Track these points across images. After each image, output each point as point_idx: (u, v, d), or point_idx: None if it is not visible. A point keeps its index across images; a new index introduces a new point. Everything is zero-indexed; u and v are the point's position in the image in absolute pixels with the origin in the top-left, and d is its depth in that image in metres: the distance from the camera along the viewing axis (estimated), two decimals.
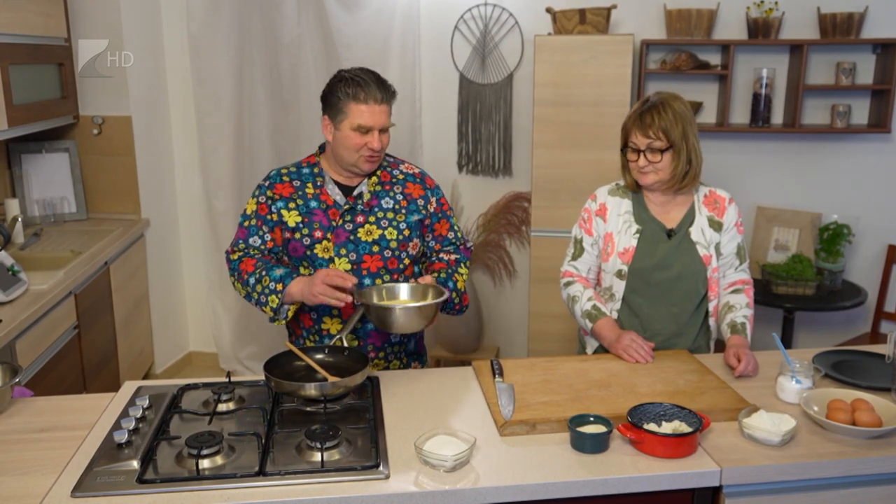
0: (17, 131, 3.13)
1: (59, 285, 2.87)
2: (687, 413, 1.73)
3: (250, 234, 2.21)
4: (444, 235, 2.30)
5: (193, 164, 4.21)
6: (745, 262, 2.33)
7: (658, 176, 2.22)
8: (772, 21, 3.66)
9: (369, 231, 2.15)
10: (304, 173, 2.22)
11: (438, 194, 2.30)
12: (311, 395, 1.81)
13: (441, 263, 2.26)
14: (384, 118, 2.10)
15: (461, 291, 2.25)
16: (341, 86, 2.10)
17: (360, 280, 2.14)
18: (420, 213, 2.22)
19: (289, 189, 2.19)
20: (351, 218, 2.16)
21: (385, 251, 2.16)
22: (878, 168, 3.89)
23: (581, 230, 2.37)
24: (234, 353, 4.36)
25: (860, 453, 1.66)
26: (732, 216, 2.29)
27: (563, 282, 2.39)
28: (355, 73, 2.11)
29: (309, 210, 2.16)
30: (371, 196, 2.18)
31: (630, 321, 2.31)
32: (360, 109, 2.07)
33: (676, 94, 2.25)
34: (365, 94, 2.07)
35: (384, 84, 2.12)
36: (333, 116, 2.13)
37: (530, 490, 1.56)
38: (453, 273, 2.23)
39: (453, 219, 2.34)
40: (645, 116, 2.19)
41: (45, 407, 1.92)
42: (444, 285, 2.18)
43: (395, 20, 3.89)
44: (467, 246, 2.36)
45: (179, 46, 4.07)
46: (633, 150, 2.23)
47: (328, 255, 2.14)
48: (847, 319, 4.04)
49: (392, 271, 2.18)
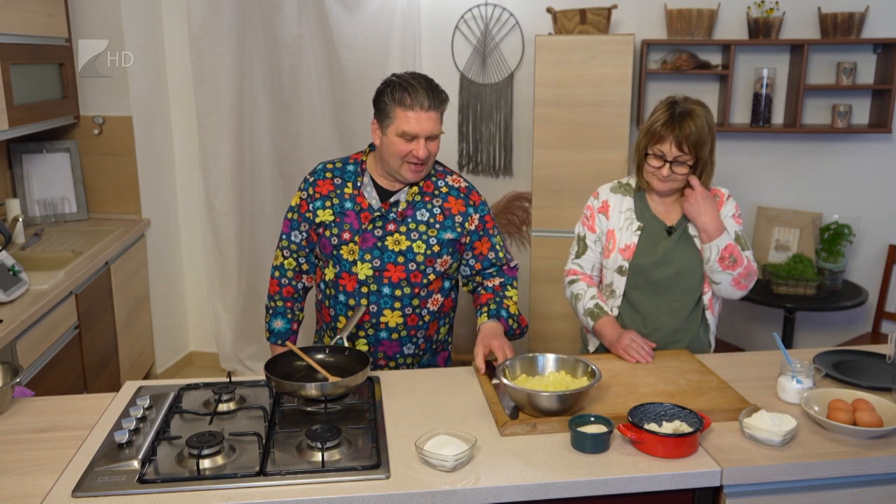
0: (18, 131, 3.13)
1: (60, 285, 2.87)
2: (687, 413, 1.73)
3: (292, 229, 2.27)
4: (485, 255, 2.24)
5: (194, 164, 4.21)
6: (748, 251, 2.28)
7: (676, 185, 2.22)
8: (772, 21, 3.66)
9: (398, 241, 2.13)
10: (348, 170, 2.22)
11: (483, 211, 2.23)
12: (312, 395, 1.81)
13: (487, 294, 2.23)
14: (431, 125, 2.05)
15: (516, 316, 2.21)
16: (389, 90, 2.06)
17: (380, 287, 2.14)
18: (455, 230, 2.18)
19: (328, 186, 2.20)
20: (382, 224, 2.14)
21: (410, 264, 2.14)
22: (879, 168, 3.88)
23: (584, 227, 2.38)
24: (234, 354, 4.36)
25: (861, 453, 1.66)
26: (729, 209, 2.29)
27: (567, 280, 2.39)
28: (404, 78, 2.07)
29: (343, 210, 2.17)
30: (407, 206, 2.15)
31: (631, 317, 2.31)
32: (407, 116, 2.03)
33: (702, 103, 2.21)
34: (412, 100, 2.02)
35: (435, 90, 2.06)
36: (381, 121, 2.10)
37: (531, 490, 1.56)
38: (502, 301, 2.20)
39: (496, 238, 2.26)
40: (684, 127, 2.13)
41: (46, 407, 1.92)
42: (496, 317, 2.16)
43: (396, 20, 3.89)
44: (511, 266, 2.29)
45: (180, 46, 4.07)
46: (657, 157, 2.19)
47: (353, 258, 2.15)
48: (848, 319, 4.04)
49: (415, 284, 2.16)
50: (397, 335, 2.20)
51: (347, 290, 2.17)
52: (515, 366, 1.93)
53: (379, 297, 2.16)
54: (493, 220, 2.26)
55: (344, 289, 2.17)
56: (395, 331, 2.19)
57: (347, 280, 2.16)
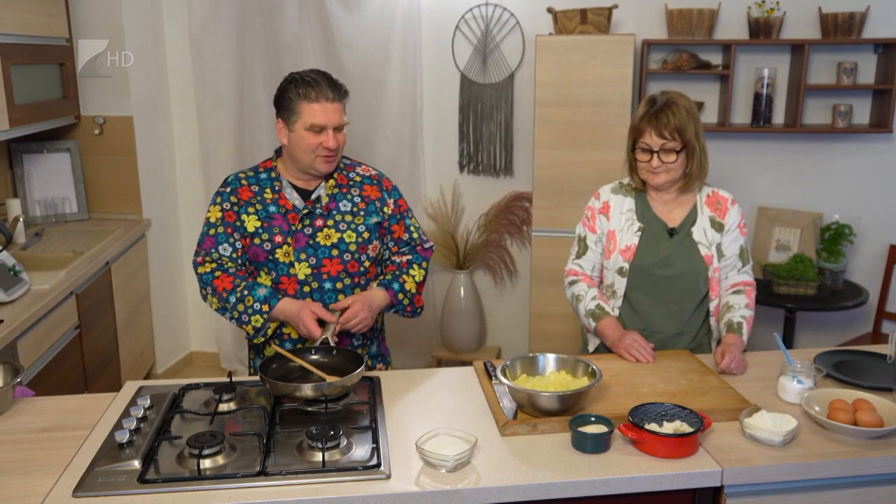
0: (19, 131, 3.13)
1: (61, 285, 2.88)
2: (688, 413, 1.73)
3: (219, 242, 2.19)
4: (401, 237, 2.29)
5: (194, 164, 4.21)
6: (748, 265, 2.32)
7: (670, 176, 2.22)
8: (773, 21, 3.66)
9: (328, 235, 2.16)
10: (261, 178, 2.22)
11: (396, 195, 2.29)
12: (308, 395, 1.81)
13: (391, 266, 2.27)
14: (338, 116, 2.11)
15: (410, 293, 2.24)
16: (292, 87, 2.11)
17: (321, 284, 2.14)
18: (378, 214, 2.22)
19: (248, 193, 2.19)
20: (310, 222, 2.16)
21: (345, 255, 2.17)
22: (880, 168, 3.88)
23: (585, 228, 2.38)
24: (235, 353, 4.35)
25: (862, 453, 1.66)
26: (734, 218, 2.29)
27: (567, 280, 2.39)
28: (306, 74, 2.13)
29: (269, 215, 2.16)
30: (329, 199, 2.18)
31: (631, 318, 2.31)
32: (313, 108, 2.08)
33: (681, 93, 2.24)
34: (316, 94, 2.08)
35: (335, 83, 2.13)
36: (287, 118, 2.13)
37: (531, 490, 1.56)
38: (401, 275, 2.23)
39: (410, 220, 2.32)
40: (661, 116, 2.17)
41: (47, 407, 1.92)
42: (388, 287, 2.19)
43: (396, 20, 3.89)
44: (425, 247, 2.34)
45: (180, 46, 4.07)
46: (644, 150, 2.21)
47: (288, 260, 2.14)
48: (848, 319, 4.04)
49: (353, 274, 2.18)
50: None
51: (289, 294, 2.16)
52: (516, 366, 1.93)
53: (322, 294, 2.16)
54: (406, 204, 2.31)
55: (285, 293, 2.16)
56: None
57: (287, 283, 2.16)
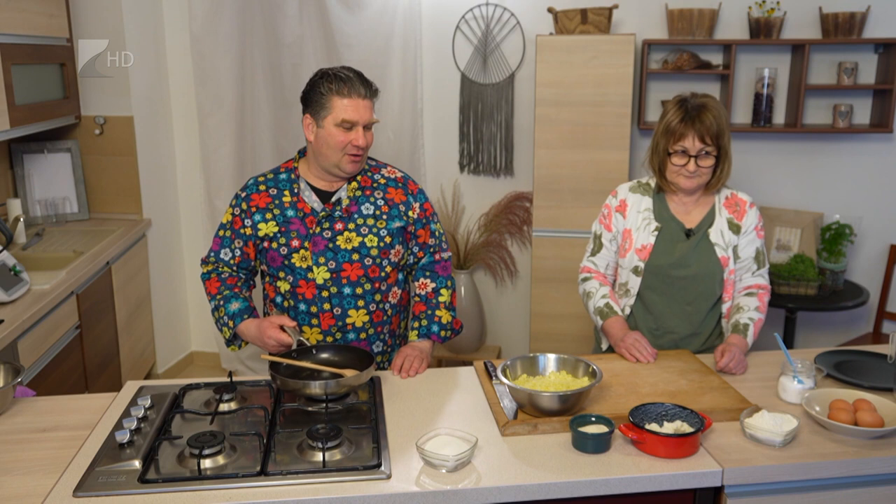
0: (19, 131, 3.13)
1: (61, 285, 2.88)
2: (689, 413, 1.73)
3: (223, 246, 2.21)
4: (426, 242, 2.26)
5: (195, 164, 4.21)
6: (763, 268, 2.30)
7: (702, 180, 2.22)
8: (773, 21, 3.66)
9: (349, 238, 2.12)
10: (281, 180, 2.18)
11: (422, 199, 2.24)
12: (317, 393, 1.81)
13: (420, 306, 2.24)
14: (368, 113, 2.08)
15: (448, 325, 2.23)
16: (323, 82, 2.08)
17: (340, 288, 2.12)
18: (402, 219, 2.18)
19: (265, 199, 2.16)
20: (329, 225, 2.12)
21: (365, 259, 2.12)
22: (880, 168, 3.88)
23: (601, 226, 2.38)
24: (235, 353, 4.36)
25: (862, 453, 1.66)
26: (752, 220, 2.28)
27: (580, 277, 2.40)
28: (338, 70, 2.10)
29: (286, 219, 2.13)
30: (350, 202, 2.14)
31: (644, 318, 2.31)
32: (344, 104, 2.05)
33: (711, 95, 2.23)
34: (349, 89, 2.05)
35: (367, 81, 2.10)
36: (316, 113, 2.09)
37: (532, 490, 1.56)
38: (433, 312, 2.22)
39: (435, 224, 2.28)
40: (703, 119, 2.14)
41: (47, 407, 1.92)
42: (426, 336, 2.20)
43: (397, 20, 3.89)
44: (444, 256, 2.29)
45: (181, 46, 4.07)
46: (680, 154, 2.19)
47: (306, 264, 2.11)
48: (849, 319, 4.04)
49: (374, 279, 2.15)
50: (365, 334, 2.18)
51: (307, 298, 2.13)
52: (516, 366, 1.93)
53: (341, 299, 2.13)
54: (431, 207, 2.28)
55: (303, 297, 2.13)
56: (363, 330, 2.17)
57: (305, 287, 2.12)
